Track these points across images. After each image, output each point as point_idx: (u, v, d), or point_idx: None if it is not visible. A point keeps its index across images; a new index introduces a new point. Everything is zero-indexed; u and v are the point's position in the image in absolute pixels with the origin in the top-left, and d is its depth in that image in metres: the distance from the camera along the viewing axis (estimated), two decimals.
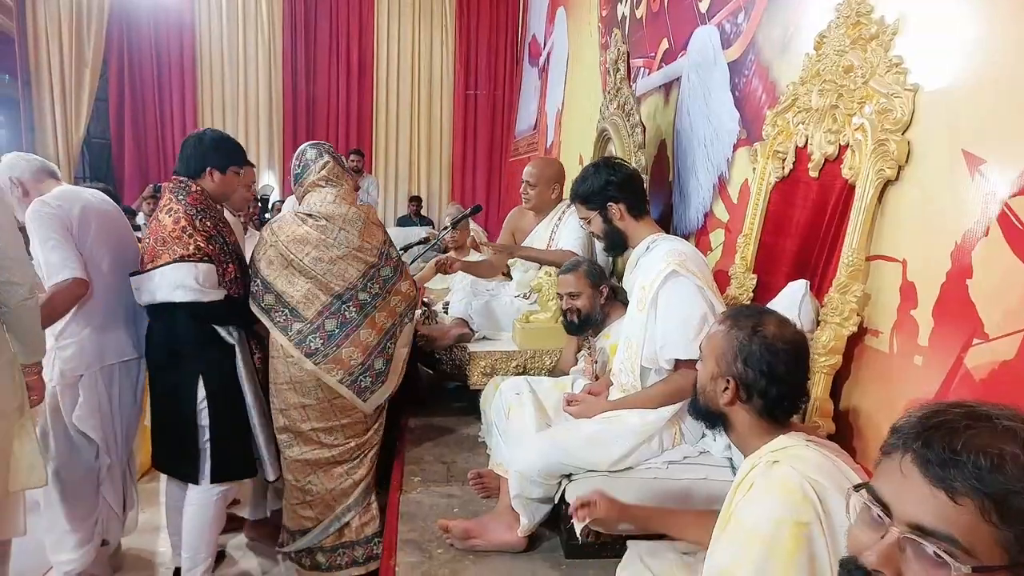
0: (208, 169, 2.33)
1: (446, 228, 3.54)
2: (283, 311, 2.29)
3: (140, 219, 5.57)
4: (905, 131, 1.58)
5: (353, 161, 6.06)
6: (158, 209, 2.35)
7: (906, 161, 1.58)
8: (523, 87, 7.73)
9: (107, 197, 2.57)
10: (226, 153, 2.37)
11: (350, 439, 2.39)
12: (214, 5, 7.86)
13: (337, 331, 2.30)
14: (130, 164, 7.84)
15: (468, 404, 3.09)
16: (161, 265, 2.20)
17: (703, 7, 2.74)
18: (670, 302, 1.80)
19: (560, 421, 2.11)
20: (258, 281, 2.31)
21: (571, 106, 5.27)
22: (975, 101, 1.41)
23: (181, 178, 2.33)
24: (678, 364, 1.85)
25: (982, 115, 1.39)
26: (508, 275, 3.57)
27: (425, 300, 3.25)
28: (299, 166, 2.44)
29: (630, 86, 2.96)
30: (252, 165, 2.49)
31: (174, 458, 2.35)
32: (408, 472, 2.42)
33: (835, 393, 1.75)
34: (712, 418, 1.40)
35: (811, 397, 1.74)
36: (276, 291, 2.28)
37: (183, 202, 2.27)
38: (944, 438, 0.70)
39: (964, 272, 1.40)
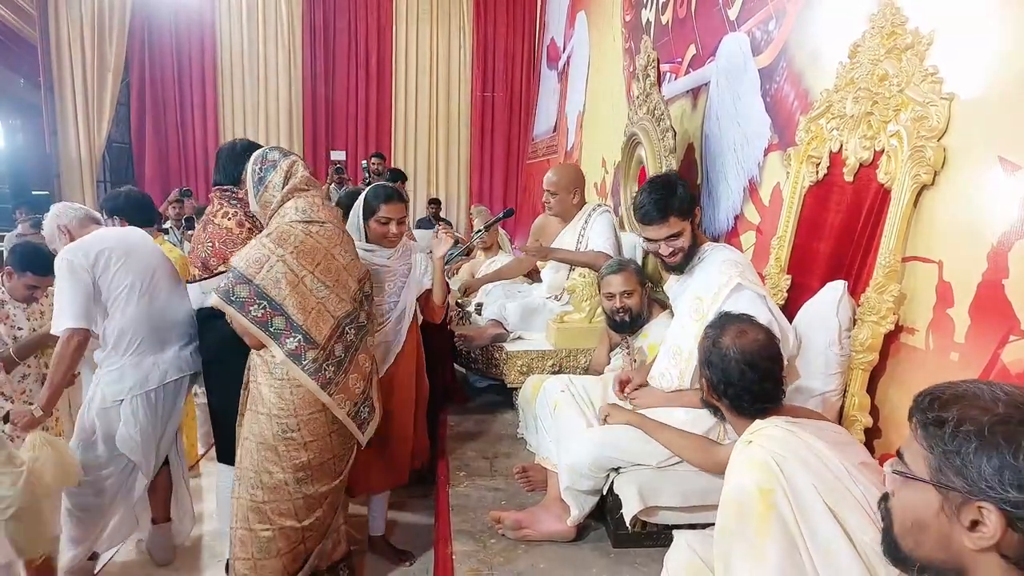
0: None
1: (479, 231, 3.63)
2: (296, 337, 1.94)
3: (167, 224, 5.61)
4: (941, 138, 1.65)
5: (375, 164, 6.14)
6: (208, 214, 2.38)
7: (942, 167, 1.65)
8: (541, 89, 7.80)
9: (137, 230, 2.55)
10: None
11: (346, 464, 2.14)
12: (234, 9, 7.95)
13: (344, 356, 2.04)
14: (151, 168, 7.95)
15: (502, 401, 3.18)
16: None
17: (732, 14, 2.81)
18: None
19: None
20: (263, 303, 1.92)
21: (592, 109, 5.34)
22: (1010, 110, 1.49)
23: (226, 187, 2.37)
24: None
25: (1017, 123, 1.47)
26: (531, 277, 3.65)
27: (459, 301, 3.33)
28: (261, 169, 2.07)
29: (660, 91, 3.03)
30: None
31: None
32: (453, 467, 2.50)
33: (872, 388, 1.83)
34: (710, 408, 1.65)
35: (848, 392, 1.84)
36: (287, 314, 1.94)
37: (237, 206, 2.32)
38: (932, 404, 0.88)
39: (1000, 273, 1.47)
